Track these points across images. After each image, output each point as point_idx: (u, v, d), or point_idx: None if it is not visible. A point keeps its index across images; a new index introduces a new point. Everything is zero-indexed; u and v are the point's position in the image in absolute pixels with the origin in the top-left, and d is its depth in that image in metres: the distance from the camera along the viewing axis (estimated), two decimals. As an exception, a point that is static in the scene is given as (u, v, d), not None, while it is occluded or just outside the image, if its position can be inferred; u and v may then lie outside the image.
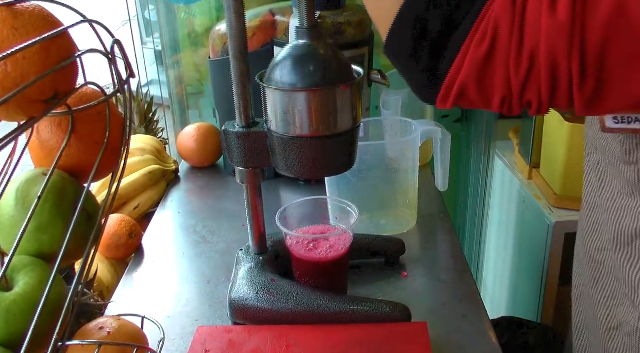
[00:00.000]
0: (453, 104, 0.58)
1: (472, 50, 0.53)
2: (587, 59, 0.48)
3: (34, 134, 0.63)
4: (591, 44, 0.48)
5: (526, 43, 0.50)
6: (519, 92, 0.53)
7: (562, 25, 0.48)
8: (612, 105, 0.52)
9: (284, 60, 0.76)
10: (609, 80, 0.50)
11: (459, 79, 0.55)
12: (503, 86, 0.53)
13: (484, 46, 0.52)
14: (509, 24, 0.51)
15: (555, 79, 0.51)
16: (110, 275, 1.12)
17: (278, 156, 0.81)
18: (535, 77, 0.51)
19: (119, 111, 0.68)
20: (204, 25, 1.65)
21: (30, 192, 0.61)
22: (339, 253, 0.88)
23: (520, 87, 0.52)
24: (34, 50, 0.49)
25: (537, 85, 0.52)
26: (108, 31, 0.58)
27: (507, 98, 0.54)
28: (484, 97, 0.55)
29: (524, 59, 0.51)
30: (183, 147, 1.44)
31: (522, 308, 1.77)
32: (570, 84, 0.50)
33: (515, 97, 0.53)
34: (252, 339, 0.84)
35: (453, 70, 0.55)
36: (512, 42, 0.51)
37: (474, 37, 0.53)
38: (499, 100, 0.54)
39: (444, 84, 0.56)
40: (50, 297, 0.52)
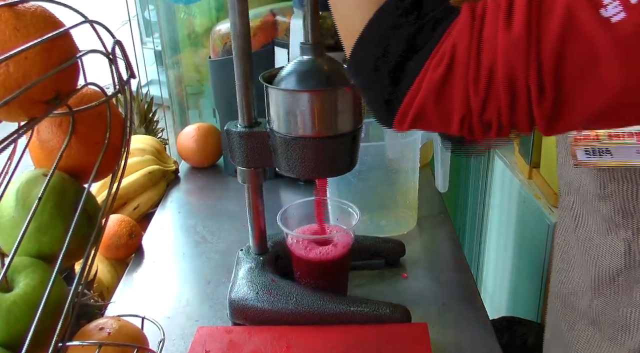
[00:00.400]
0: (410, 126, 0.57)
1: (430, 71, 0.52)
2: (544, 72, 0.48)
3: (34, 135, 0.63)
4: (547, 57, 0.48)
5: (484, 60, 0.50)
6: (478, 111, 0.52)
7: (518, 39, 0.48)
8: (573, 119, 0.51)
9: (289, 76, 0.77)
10: (566, 93, 0.49)
11: (416, 101, 0.54)
12: (462, 105, 0.52)
13: (442, 66, 0.51)
14: (467, 42, 0.50)
15: (513, 94, 0.50)
16: (110, 275, 1.12)
17: (280, 156, 0.81)
18: (494, 93, 0.51)
19: (119, 111, 0.68)
20: (204, 26, 1.65)
21: (31, 192, 0.60)
22: (340, 253, 0.88)
23: (479, 105, 0.52)
24: (36, 51, 0.49)
25: (497, 102, 0.51)
26: (109, 31, 0.58)
27: (466, 118, 0.53)
28: (442, 118, 0.55)
29: (482, 76, 0.50)
30: (183, 147, 1.44)
31: (522, 308, 1.77)
32: (528, 99, 0.50)
33: (475, 117, 0.53)
34: (252, 340, 0.84)
35: (410, 93, 0.54)
36: (470, 60, 0.50)
37: (433, 59, 0.52)
38: (459, 120, 0.54)
39: (400, 108, 0.55)
40: (50, 298, 0.52)
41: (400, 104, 0.55)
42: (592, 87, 0.48)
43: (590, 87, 0.48)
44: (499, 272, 2.00)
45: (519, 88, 0.49)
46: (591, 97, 0.48)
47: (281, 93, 0.76)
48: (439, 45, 0.52)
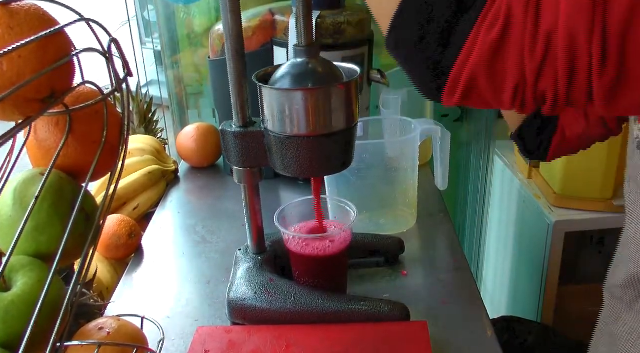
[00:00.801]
0: (461, 98, 0.54)
1: (483, 34, 0.49)
2: (609, 41, 0.45)
3: (32, 134, 0.63)
4: (614, 24, 0.44)
5: (542, 24, 0.47)
6: (533, 79, 0.49)
7: (582, 3, 0.45)
8: (634, 97, 0.48)
9: (282, 77, 0.77)
10: (631, 68, 0.46)
11: (468, 67, 0.51)
12: (516, 71, 0.49)
13: (496, 29, 0.48)
14: (524, 5, 0.47)
15: (573, 63, 0.47)
16: (109, 275, 1.12)
17: (275, 155, 0.80)
18: (551, 60, 0.47)
19: (116, 110, 0.68)
20: (203, 26, 1.65)
21: (28, 192, 0.60)
22: (337, 249, 0.88)
23: (535, 73, 0.48)
24: (30, 49, 0.48)
25: (554, 71, 0.48)
26: (105, 30, 0.58)
27: (520, 87, 0.50)
28: (495, 86, 0.51)
29: (539, 41, 0.47)
30: (182, 147, 1.44)
31: (521, 308, 1.77)
32: (589, 68, 0.46)
33: (529, 86, 0.49)
34: (251, 339, 0.84)
35: (461, 57, 0.51)
36: (526, 23, 0.47)
37: (485, 20, 0.49)
38: (512, 88, 0.50)
39: (451, 75, 0.52)
40: (48, 298, 0.52)
41: (449, 72, 0.52)
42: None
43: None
44: (498, 271, 2.00)
45: (579, 55, 0.46)
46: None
47: (274, 92, 0.76)
48: (489, 4, 0.49)
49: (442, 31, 0.51)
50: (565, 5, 0.46)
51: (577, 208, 1.52)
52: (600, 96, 0.48)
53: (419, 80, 0.56)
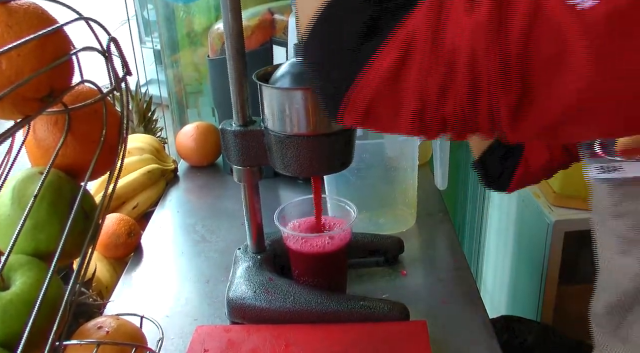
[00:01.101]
0: (359, 119, 0.53)
1: (383, 57, 0.49)
2: (510, 61, 0.45)
3: (30, 133, 0.63)
4: (512, 44, 0.44)
5: (445, 46, 0.46)
6: (434, 103, 0.48)
7: (482, 24, 0.45)
8: (540, 118, 0.47)
9: (282, 76, 0.77)
10: (533, 85, 0.45)
11: (367, 89, 0.50)
12: (416, 97, 0.48)
13: (396, 52, 0.48)
14: (427, 27, 0.47)
15: (475, 85, 0.46)
16: (109, 274, 1.12)
17: (275, 154, 0.80)
18: (453, 85, 0.47)
19: (115, 109, 0.68)
20: (203, 25, 1.65)
21: (27, 190, 0.60)
22: (337, 246, 0.88)
23: (436, 97, 0.48)
24: (29, 48, 0.48)
25: (456, 95, 0.47)
26: (104, 29, 0.58)
27: (418, 112, 0.49)
28: (394, 111, 0.50)
29: (440, 64, 0.47)
30: (182, 146, 1.44)
31: (521, 307, 1.77)
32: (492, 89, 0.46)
33: (431, 112, 0.49)
34: (251, 338, 0.84)
35: (361, 80, 0.50)
36: (427, 46, 0.47)
37: (387, 45, 0.49)
38: (411, 114, 0.50)
39: (351, 97, 0.52)
40: (47, 297, 0.52)
41: (349, 93, 0.51)
42: (562, 79, 0.44)
43: (559, 79, 0.44)
44: (498, 270, 2.00)
45: (481, 79, 0.46)
46: (560, 89, 0.45)
47: (275, 91, 0.76)
48: (395, 29, 0.48)
49: (348, 50, 0.51)
50: (465, 29, 0.46)
51: (576, 208, 1.51)
52: (506, 118, 0.47)
53: (322, 95, 0.56)
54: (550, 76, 0.45)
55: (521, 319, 1.54)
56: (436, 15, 0.47)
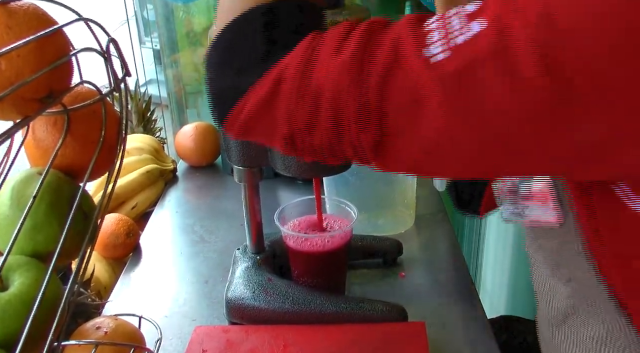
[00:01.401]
0: (240, 132, 0.58)
1: (258, 88, 0.53)
2: (369, 102, 0.48)
3: (30, 133, 0.63)
4: (372, 89, 0.48)
5: (312, 82, 0.51)
6: (303, 133, 0.53)
7: (345, 65, 0.49)
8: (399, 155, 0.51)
9: None
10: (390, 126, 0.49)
11: (245, 111, 0.55)
12: (286, 124, 0.53)
13: (270, 83, 0.53)
14: (298, 63, 0.51)
15: (338, 120, 0.50)
16: (107, 274, 1.12)
17: (276, 155, 0.80)
18: (320, 117, 0.51)
19: (114, 110, 0.68)
20: (202, 24, 1.65)
21: (26, 191, 0.60)
22: (337, 244, 0.88)
23: (304, 127, 0.52)
24: (29, 49, 0.48)
25: (320, 127, 0.52)
26: (104, 30, 0.58)
27: (290, 139, 0.54)
28: (268, 133, 0.56)
29: (307, 98, 0.51)
30: (181, 146, 1.44)
31: (520, 307, 1.77)
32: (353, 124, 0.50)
33: (300, 139, 0.54)
34: (249, 339, 0.84)
35: (240, 103, 0.55)
36: (296, 80, 0.51)
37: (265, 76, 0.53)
38: (282, 138, 0.55)
39: (233, 112, 0.56)
40: (45, 297, 0.52)
41: (231, 110, 0.56)
42: (416, 126, 0.47)
43: (414, 125, 0.48)
44: (497, 271, 2.00)
45: (343, 116, 0.50)
46: (415, 135, 0.48)
47: None
48: (275, 64, 0.53)
49: (234, 75, 0.56)
50: (331, 67, 0.50)
51: (575, 209, 1.51)
52: (368, 153, 0.51)
53: (210, 104, 0.61)
54: (405, 122, 0.48)
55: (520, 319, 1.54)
56: (307, 53, 0.52)
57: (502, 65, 0.42)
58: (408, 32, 0.47)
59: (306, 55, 0.52)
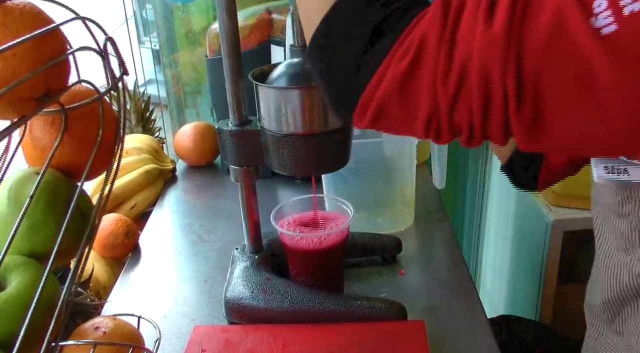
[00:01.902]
0: (370, 122, 0.53)
1: (395, 62, 0.49)
2: (524, 77, 0.44)
3: (27, 133, 0.63)
4: (528, 62, 0.44)
5: (456, 56, 0.46)
6: (447, 112, 0.48)
7: (497, 38, 0.44)
8: (556, 135, 0.47)
9: (278, 77, 0.77)
10: (548, 107, 0.45)
11: (378, 93, 0.50)
12: (429, 103, 0.48)
13: (408, 57, 0.48)
14: (438, 33, 0.47)
15: (487, 97, 0.46)
16: (106, 274, 1.12)
17: (271, 154, 0.80)
18: (465, 93, 0.47)
19: (112, 109, 0.67)
20: (201, 24, 1.65)
21: (23, 191, 0.60)
22: (333, 242, 0.87)
23: (448, 105, 0.48)
24: (25, 48, 0.48)
25: (468, 104, 0.47)
26: (101, 29, 0.58)
27: (433, 118, 0.49)
28: (407, 116, 0.50)
29: (453, 73, 0.46)
30: (180, 146, 1.44)
31: (520, 306, 1.77)
32: (504, 105, 0.45)
33: (443, 118, 0.49)
34: (248, 338, 0.83)
35: (372, 83, 0.50)
36: (440, 53, 0.47)
37: (399, 49, 0.48)
38: (424, 120, 0.49)
39: (361, 99, 0.52)
40: (43, 297, 0.52)
41: (360, 95, 0.51)
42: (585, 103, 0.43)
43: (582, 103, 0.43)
44: (497, 270, 2.00)
45: (494, 91, 0.45)
46: (583, 112, 0.44)
47: (271, 90, 0.76)
48: (405, 33, 0.48)
49: (356, 54, 0.51)
50: (479, 39, 0.45)
51: (575, 207, 1.51)
52: (519, 133, 0.47)
53: (332, 99, 0.56)
54: (572, 100, 0.44)
55: (520, 318, 1.54)
56: (447, 21, 0.47)
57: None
58: (570, 1, 0.42)
59: (446, 22, 0.46)
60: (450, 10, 0.47)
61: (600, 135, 0.45)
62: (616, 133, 0.44)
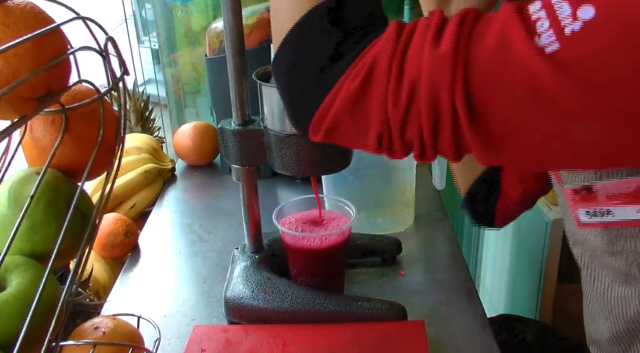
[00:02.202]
0: (325, 136, 0.56)
1: (348, 81, 0.51)
2: (473, 93, 0.46)
3: (27, 133, 0.63)
4: (475, 79, 0.46)
5: (406, 75, 0.48)
6: (398, 129, 0.50)
7: (444, 57, 0.46)
8: (512, 148, 0.49)
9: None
10: (499, 120, 0.47)
11: (332, 110, 0.53)
12: (379, 120, 0.51)
13: (360, 77, 0.50)
14: (389, 55, 0.49)
15: (437, 115, 0.48)
16: (106, 274, 1.12)
17: (274, 154, 0.80)
18: (415, 112, 0.49)
19: (113, 109, 0.67)
20: (201, 24, 1.65)
21: (23, 191, 0.60)
22: (335, 241, 0.87)
23: (399, 123, 0.50)
24: (25, 48, 0.48)
25: (418, 122, 0.49)
26: (102, 28, 0.58)
27: (384, 134, 0.52)
28: (359, 131, 0.53)
29: (403, 92, 0.49)
30: (179, 145, 1.44)
31: (520, 306, 1.77)
32: (454, 121, 0.47)
33: (395, 134, 0.51)
34: (248, 338, 0.83)
35: (326, 101, 0.53)
36: (390, 73, 0.49)
37: (353, 69, 0.51)
38: (375, 136, 0.52)
39: (316, 113, 0.54)
40: (43, 297, 0.52)
41: (315, 110, 0.54)
42: (536, 117, 0.45)
43: (533, 118, 0.45)
44: (497, 270, 2.00)
45: (443, 109, 0.47)
46: (535, 127, 0.46)
47: (274, 90, 0.76)
48: (360, 56, 0.51)
49: (315, 72, 0.54)
50: (427, 58, 0.47)
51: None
52: (474, 148, 0.49)
53: (290, 111, 0.59)
54: (522, 116, 0.46)
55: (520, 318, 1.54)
56: (398, 43, 0.49)
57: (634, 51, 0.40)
58: (515, 22, 0.45)
59: (397, 45, 0.49)
60: (402, 33, 0.50)
61: (557, 146, 0.47)
62: (572, 144, 0.46)
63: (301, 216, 0.92)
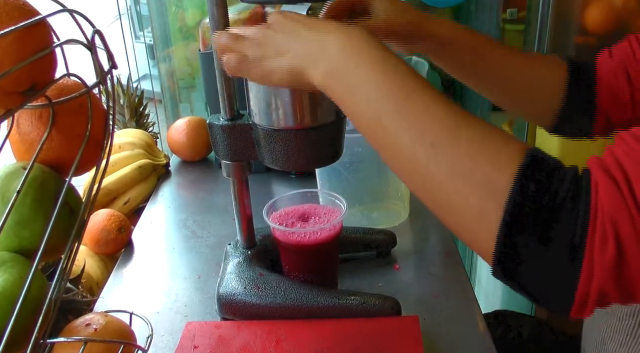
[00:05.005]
0: (592, 310, 0.52)
1: (598, 255, 0.48)
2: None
3: (14, 127, 0.62)
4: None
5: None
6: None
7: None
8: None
9: None
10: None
11: (593, 287, 0.49)
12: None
13: (610, 248, 0.47)
14: (626, 214, 0.47)
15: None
16: (99, 270, 1.11)
17: (263, 149, 0.79)
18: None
19: (101, 103, 0.67)
20: (195, 19, 1.64)
21: (10, 186, 0.59)
22: (326, 236, 0.87)
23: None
24: (9, 40, 0.47)
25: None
26: (89, 21, 0.57)
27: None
28: (628, 293, 0.50)
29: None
30: (173, 141, 1.43)
31: (516, 301, 1.76)
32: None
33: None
34: (241, 334, 0.83)
35: (582, 280, 0.49)
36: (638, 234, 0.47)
37: (594, 240, 0.48)
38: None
39: (577, 296, 0.50)
40: (30, 294, 0.51)
41: (574, 292, 0.50)
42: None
43: None
44: (493, 264, 1.99)
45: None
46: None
47: (261, 85, 0.75)
48: (592, 223, 0.48)
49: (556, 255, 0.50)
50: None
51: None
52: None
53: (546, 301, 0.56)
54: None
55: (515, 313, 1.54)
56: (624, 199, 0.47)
57: None
58: None
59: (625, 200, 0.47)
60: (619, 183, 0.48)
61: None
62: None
63: (292, 211, 0.91)
